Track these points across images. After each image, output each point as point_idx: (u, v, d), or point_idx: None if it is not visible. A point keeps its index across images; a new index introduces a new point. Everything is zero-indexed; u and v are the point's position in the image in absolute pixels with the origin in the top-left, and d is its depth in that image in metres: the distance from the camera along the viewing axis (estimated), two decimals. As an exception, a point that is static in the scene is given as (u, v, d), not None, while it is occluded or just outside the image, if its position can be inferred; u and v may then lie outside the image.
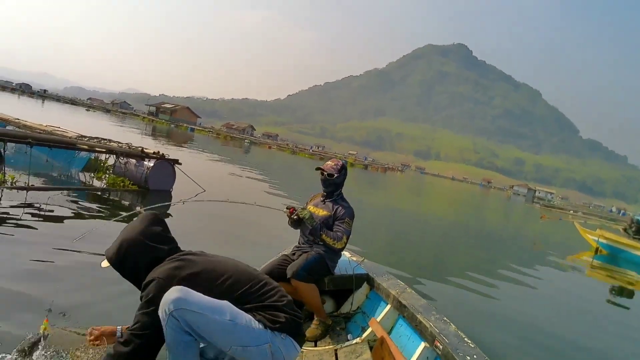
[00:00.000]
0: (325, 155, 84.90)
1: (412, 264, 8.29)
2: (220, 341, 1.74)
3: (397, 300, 2.97)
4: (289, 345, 1.82)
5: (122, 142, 9.05)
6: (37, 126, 9.87)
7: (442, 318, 2.55)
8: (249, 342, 1.74)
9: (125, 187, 8.15)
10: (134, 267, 1.91)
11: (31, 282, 3.54)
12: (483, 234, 16.25)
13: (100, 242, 3.87)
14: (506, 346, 4.70)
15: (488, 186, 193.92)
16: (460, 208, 29.52)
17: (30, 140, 6.46)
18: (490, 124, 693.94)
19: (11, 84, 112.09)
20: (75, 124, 26.51)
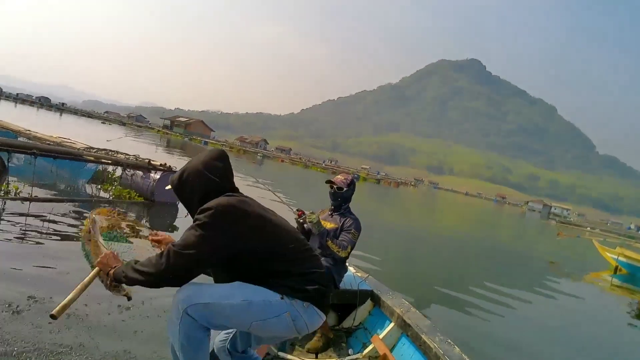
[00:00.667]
0: (337, 169, 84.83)
1: (424, 282, 8.08)
2: (239, 323, 1.77)
3: (401, 318, 2.94)
4: (312, 313, 1.80)
5: (130, 154, 8.98)
6: (47, 137, 9.87)
7: (446, 340, 2.54)
8: (266, 315, 1.73)
9: (130, 199, 8.04)
10: (190, 194, 1.94)
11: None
12: (498, 252, 15.85)
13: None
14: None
15: (502, 202, 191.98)
16: (474, 224, 29.06)
17: (35, 150, 6.40)
18: (503, 140, 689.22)
19: (31, 97, 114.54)
20: (88, 136, 26.83)
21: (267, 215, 1.90)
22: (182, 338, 1.72)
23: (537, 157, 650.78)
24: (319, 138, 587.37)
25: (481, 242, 18.29)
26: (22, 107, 65.90)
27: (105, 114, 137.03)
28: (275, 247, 1.83)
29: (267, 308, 1.73)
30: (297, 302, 1.78)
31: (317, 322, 1.86)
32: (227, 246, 1.76)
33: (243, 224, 1.78)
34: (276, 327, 1.76)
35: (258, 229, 1.81)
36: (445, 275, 9.31)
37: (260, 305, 1.73)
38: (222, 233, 1.74)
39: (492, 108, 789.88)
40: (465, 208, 53.65)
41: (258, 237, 1.80)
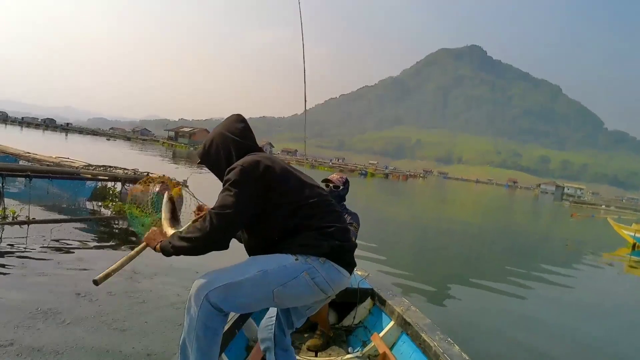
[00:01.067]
0: (345, 167, 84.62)
1: (440, 274, 7.95)
2: (262, 296, 1.75)
3: (401, 317, 2.95)
4: (330, 269, 1.77)
5: (129, 169, 8.90)
6: (45, 158, 9.86)
7: (446, 339, 2.55)
8: (284, 279, 1.72)
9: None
10: (217, 159, 1.99)
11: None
12: (512, 237, 15.58)
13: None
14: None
15: (514, 186, 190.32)
16: (487, 211, 28.72)
17: (29, 172, 6.33)
18: (510, 124, 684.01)
19: (37, 119, 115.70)
20: (93, 154, 26.95)
21: (291, 169, 1.94)
22: (198, 328, 1.72)
23: (546, 138, 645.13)
24: (324, 138, 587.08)
25: (495, 229, 18.02)
26: (28, 130, 66.60)
27: (111, 130, 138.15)
28: (298, 201, 1.83)
29: (284, 272, 1.73)
30: (312, 259, 1.76)
31: (340, 280, 1.82)
32: (257, 198, 1.79)
33: (269, 177, 1.82)
34: (298, 290, 1.75)
35: (283, 182, 1.84)
36: (462, 265, 9.15)
37: (276, 271, 1.73)
38: (251, 187, 1.78)
39: (496, 93, 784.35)
40: (476, 196, 53.16)
41: (283, 189, 1.83)
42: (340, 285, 1.84)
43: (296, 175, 1.92)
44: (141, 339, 3.42)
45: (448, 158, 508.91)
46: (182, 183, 2.55)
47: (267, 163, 1.85)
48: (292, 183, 1.88)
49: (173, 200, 2.38)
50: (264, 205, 1.81)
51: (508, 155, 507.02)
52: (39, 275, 4.51)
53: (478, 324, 5.12)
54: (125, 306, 3.98)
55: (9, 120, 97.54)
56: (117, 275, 1.79)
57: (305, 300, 1.86)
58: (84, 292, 4.12)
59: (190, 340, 1.75)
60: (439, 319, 4.74)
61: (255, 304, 1.81)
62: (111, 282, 4.41)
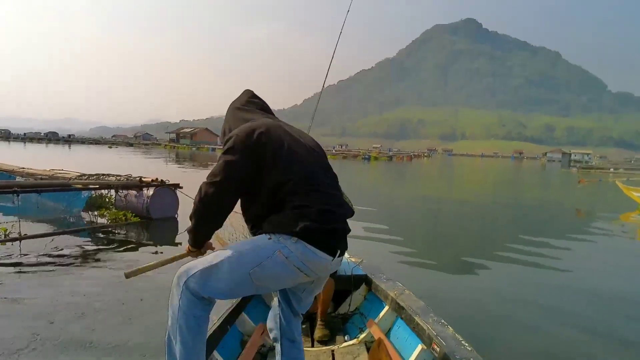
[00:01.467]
0: (348, 152, 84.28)
1: (455, 252, 7.85)
2: (239, 277, 1.67)
3: (395, 301, 2.94)
4: (303, 249, 1.66)
5: (122, 175, 8.77)
6: (39, 172, 9.75)
7: (440, 320, 2.56)
8: (259, 258, 1.65)
9: (126, 220, 7.83)
10: (227, 133, 1.96)
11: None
12: (522, 209, 15.30)
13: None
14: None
15: (520, 158, 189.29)
16: (494, 185, 28.39)
17: (17, 188, 6.21)
18: (512, 95, 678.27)
19: (39, 134, 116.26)
20: (96, 163, 26.93)
21: (287, 139, 1.83)
22: (180, 317, 1.67)
23: (550, 106, 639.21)
24: (326, 126, 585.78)
25: (504, 201, 17.75)
26: (31, 145, 66.80)
27: (113, 137, 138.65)
28: (284, 176, 1.74)
29: (258, 252, 1.67)
30: (284, 237, 1.67)
31: (317, 261, 1.70)
32: (248, 166, 1.74)
33: (261, 146, 1.75)
34: (275, 270, 1.66)
35: (273, 154, 1.76)
36: (472, 242, 9.03)
37: (251, 251, 1.68)
38: (241, 154, 1.73)
39: (495, 65, 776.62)
40: (482, 170, 52.70)
41: (272, 163, 1.75)
42: (320, 267, 1.73)
43: (289, 148, 1.81)
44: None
45: (452, 135, 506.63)
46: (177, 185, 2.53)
47: (262, 130, 1.78)
48: (283, 156, 1.77)
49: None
50: (254, 175, 1.75)
51: (512, 127, 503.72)
52: (29, 296, 4.39)
53: (488, 303, 4.96)
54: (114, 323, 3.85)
55: (12, 137, 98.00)
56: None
57: (286, 281, 1.77)
58: (80, 312, 3.99)
59: (174, 332, 1.69)
60: (448, 299, 4.89)
61: (236, 289, 1.73)
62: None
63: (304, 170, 1.79)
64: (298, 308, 2.04)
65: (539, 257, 7.23)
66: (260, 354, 2.73)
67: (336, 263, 1.80)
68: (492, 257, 7.17)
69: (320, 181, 1.81)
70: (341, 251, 1.79)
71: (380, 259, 6.27)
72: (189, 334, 1.67)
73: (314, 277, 1.77)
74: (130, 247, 6.52)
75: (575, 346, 3.90)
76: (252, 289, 1.74)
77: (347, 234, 1.84)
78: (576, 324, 4.31)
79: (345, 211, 1.84)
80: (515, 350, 3.75)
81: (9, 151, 40.33)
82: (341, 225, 1.78)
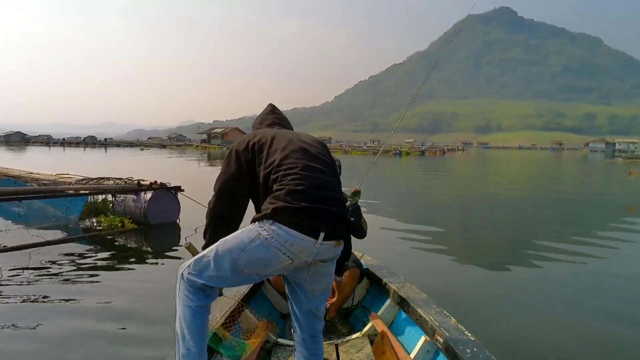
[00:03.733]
0: (379, 148, 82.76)
1: (494, 248, 7.48)
2: (227, 264, 1.72)
3: (397, 294, 3.00)
4: (279, 230, 1.69)
5: (123, 178, 8.18)
6: (44, 177, 9.38)
7: (442, 312, 2.59)
8: (243, 244, 1.71)
9: (123, 227, 7.22)
10: None
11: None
12: (565, 203, 13.98)
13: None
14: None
15: (560, 149, 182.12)
16: (533, 178, 26.75)
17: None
18: (550, 84, 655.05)
19: (80, 138, 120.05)
20: (124, 165, 26.99)
21: (275, 136, 1.96)
22: (181, 308, 1.75)
23: (590, 94, 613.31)
24: (357, 121, 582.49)
25: (544, 195, 16.43)
26: (69, 149, 68.83)
27: (149, 139, 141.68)
28: (273, 167, 1.84)
29: (241, 237, 1.74)
30: (263, 221, 1.73)
31: (295, 241, 1.70)
32: (243, 164, 1.91)
33: (252, 146, 1.93)
34: (258, 253, 1.70)
35: (264, 150, 1.91)
36: (511, 238, 8.46)
37: (235, 238, 1.75)
38: (236, 156, 1.92)
39: (531, 54, 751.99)
40: (520, 163, 50.42)
41: (259, 157, 1.91)
42: (299, 249, 1.71)
43: (276, 142, 1.92)
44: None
45: (487, 127, 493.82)
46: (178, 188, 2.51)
47: (252, 138, 1.96)
48: (274, 151, 1.89)
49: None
50: (248, 174, 1.91)
51: (551, 117, 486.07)
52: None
53: (526, 300, 4.73)
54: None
55: (52, 142, 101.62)
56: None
57: (273, 264, 1.75)
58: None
59: (179, 323, 1.76)
60: (483, 295, 4.74)
61: (229, 277, 1.75)
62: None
63: (283, 155, 1.85)
64: (308, 303, 1.96)
65: (582, 256, 6.64)
66: (264, 349, 2.75)
67: (326, 249, 1.77)
68: (529, 256, 6.71)
69: (301, 164, 1.83)
70: (330, 235, 1.76)
71: (393, 255, 5.96)
72: (186, 323, 1.73)
73: (298, 261, 1.75)
74: (119, 259, 5.87)
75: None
76: (243, 275, 1.75)
77: (337, 218, 1.80)
78: (622, 332, 3.91)
79: (332, 194, 1.83)
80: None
81: (48, 155, 41.45)
82: (323, 205, 1.76)
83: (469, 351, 2.09)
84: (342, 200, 1.88)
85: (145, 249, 6.73)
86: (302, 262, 1.77)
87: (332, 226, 1.76)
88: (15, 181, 9.71)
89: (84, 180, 8.35)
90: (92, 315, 3.92)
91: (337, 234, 1.78)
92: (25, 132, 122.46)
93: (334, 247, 1.80)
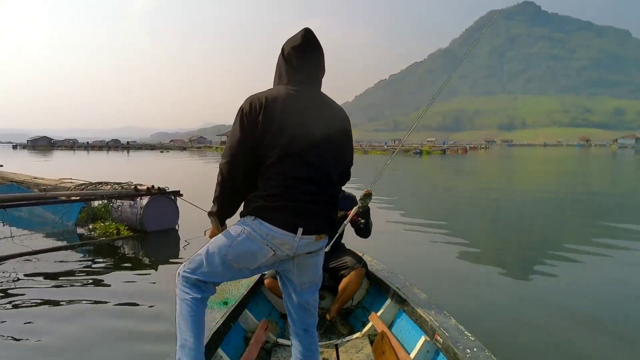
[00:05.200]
0: (400, 148, 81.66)
1: (521, 251, 7.05)
2: (218, 259, 1.80)
3: (397, 295, 2.99)
4: (260, 225, 1.77)
5: (122, 183, 7.83)
6: (45, 182, 9.16)
7: (442, 312, 2.59)
8: (230, 240, 1.79)
9: (118, 234, 6.85)
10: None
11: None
12: (593, 202, 13.14)
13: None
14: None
15: (587, 145, 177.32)
16: (560, 176, 25.66)
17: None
18: (576, 79, 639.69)
19: (104, 142, 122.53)
20: (140, 168, 26.95)
21: (281, 117, 1.81)
22: (178, 303, 1.82)
23: (619, 88, 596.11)
24: (378, 120, 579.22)
25: (572, 194, 15.53)
26: (93, 152, 70.08)
27: (171, 142, 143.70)
28: (264, 159, 1.82)
29: (229, 234, 1.81)
30: (247, 217, 1.81)
31: (276, 235, 1.76)
32: (250, 133, 1.80)
33: (260, 121, 1.80)
34: (244, 247, 1.78)
35: (267, 132, 1.80)
36: (543, 238, 8.03)
37: (223, 235, 1.83)
38: (241, 127, 1.81)
39: (556, 48, 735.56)
40: (545, 161, 48.84)
41: (260, 135, 1.80)
42: (280, 241, 1.77)
43: (285, 143, 1.80)
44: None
45: (510, 124, 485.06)
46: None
47: (263, 104, 1.80)
48: (273, 146, 1.81)
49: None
50: (253, 150, 1.81)
51: (577, 112, 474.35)
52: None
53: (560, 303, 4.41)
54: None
55: (76, 146, 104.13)
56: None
57: (259, 257, 1.80)
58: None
59: (177, 317, 1.82)
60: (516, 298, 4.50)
61: (220, 272, 1.83)
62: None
63: (279, 157, 1.80)
64: (297, 296, 1.98)
65: (611, 258, 6.22)
66: (264, 349, 2.76)
67: (307, 243, 1.81)
68: (556, 257, 6.36)
69: (293, 175, 1.81)
70: (310, 230, 1.80)
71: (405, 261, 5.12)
72: (182, 316, 1.80)
73: (280, 253, 1.80)
74: (107, 269, 5.45)
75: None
76: (233, 269, 1.82)
77: (318, 214, 1.83)
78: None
79: (317, 190, 1.84)
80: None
81: (73, 159, 42.06)
82: (305, 203, 1.80)
83: (469, 351, 2.09)
84: (330, 194, 1.88)
85: (139, 257, 6.25)
86: (284, 255, 1.82)
87: (312, 222, 1.80)
88: (19, 187, 9.52)
89: (82, 185, 8.04)
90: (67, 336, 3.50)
91: (318, 228, 1.82)
92: (52, 137, 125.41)
93: (315, 241, 1.84)
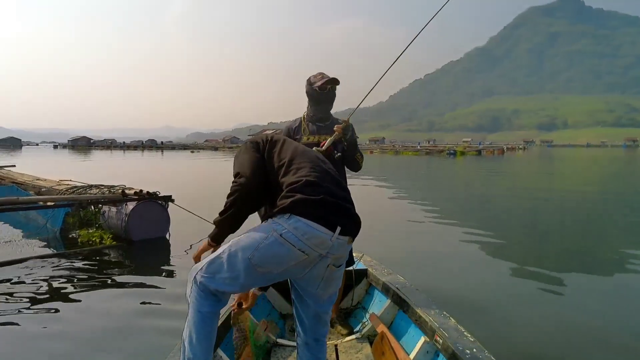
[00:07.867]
0: (434, 148, 79.70)
1: (563, 257, 6.44)
2: (241, 264, 1.67)
3: (396, 295, 2.99)
4: (296, 222, 1.66)
5: (116, 186, 7.15)
6: (46, 184, 8.72)
7: (442, 312, 2.58)
8: (256, 242, 1.67)
9: (101, 243, 6.17)
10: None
11: None
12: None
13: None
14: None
15: (633, 146, 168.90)
16: (604, 178, 23.81)
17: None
18: (621, 77, 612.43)
19: (142, 142, 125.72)
20: (167, 167, 26.79)
21: (288, 153, 1.89)
22: (191, 313, 1.71)
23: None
24: (412, 121, 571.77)
25: (619, 196, 14.07)
26: (129, 152, 71.49)
27: (205, 142, 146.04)
28: (282, 163, 1.85)
29: (254, 236, 1.69)
30: (278, 217, 1.69)
31: (313, 233, 1.66)
32: (257, 165, 1.85)
33: (261, 147, 1.92)
34: (272, 250, 1.66)
35: (271, 150, 1.90)
36: (588, 244, 7.39)
37: (248, 237, 1.71)
38: (248, 154, 1.88)
39: (600, 45, 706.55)
40: (588, 162, 46.13)
41: (269, 157, 1.88)
42: (318, 241, 1.67)
43: (293, 148, 1.93)
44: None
45: (551, 124, 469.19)
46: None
47: (266, 135, 2.02)
48: (285, 150, 1.90)
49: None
50: (263, 175, 1.85)
51: (622, 112, 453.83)
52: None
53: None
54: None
55: (113, 145, 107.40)
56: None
57: (287, 261, 1.69)
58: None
59: (189, 327, 1.72)
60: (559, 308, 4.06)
61: (242, 277, 1.69)
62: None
63: (293, 156, 1.87)
64: (316, 306, 1.93)
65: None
66: (264, 350, 2.78)
67: (340, 244, 1.73)
68: (592, 266, 5.81)
69: (312, 164, 1.86)
70: (346, 230, 1.73)
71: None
72: (195, 328, 1.70)
73: (313, 255, 1.69)
74: (75, 285, 4.74)
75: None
76: (256, 275, 1.71)
77: (350, 213, 1.79)
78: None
79: (345, 194, 1.85)
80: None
81: (108, 158, 42.79)
82: (339, 200, 1.78)
83: (469, 352, 2.08)
84: (352, 201, 1.88)
85: (121, 268, 5.54)
86: (316, 256, 1.71)
87: (348, 222, 1.75)
88: (18, 188, 9.12)
89: (72, 188, 7.44)
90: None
91: (351, 230, 1.76)
92: (92, 137, 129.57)
93: (347, 244, 1.77)
